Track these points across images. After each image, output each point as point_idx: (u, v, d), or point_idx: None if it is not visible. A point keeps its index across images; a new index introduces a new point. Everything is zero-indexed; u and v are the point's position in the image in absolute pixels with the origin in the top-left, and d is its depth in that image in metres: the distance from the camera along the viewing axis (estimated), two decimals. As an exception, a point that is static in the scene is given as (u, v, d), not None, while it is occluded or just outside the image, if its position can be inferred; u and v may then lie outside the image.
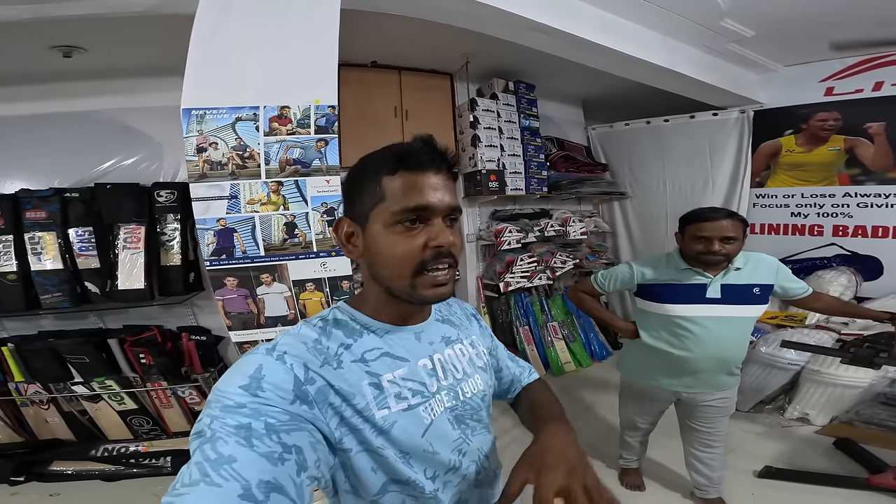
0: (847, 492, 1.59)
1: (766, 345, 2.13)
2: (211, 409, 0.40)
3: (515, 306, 2.94)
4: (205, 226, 1.18)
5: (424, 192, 0.49)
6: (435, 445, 0.52)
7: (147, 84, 1.95)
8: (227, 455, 0.36)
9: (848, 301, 2.08)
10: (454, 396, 0.57)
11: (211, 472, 0.35)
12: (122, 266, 1.81)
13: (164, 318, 2.07)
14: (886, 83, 2.27)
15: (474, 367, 0.62)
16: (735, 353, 1.35)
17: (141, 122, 1.98)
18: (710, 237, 1.24)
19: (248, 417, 0.39)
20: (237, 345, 1.28)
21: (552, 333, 2.93)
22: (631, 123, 3.18)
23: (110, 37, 1.59)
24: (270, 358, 0.45)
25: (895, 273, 2.39)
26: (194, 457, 0.37)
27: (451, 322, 0.64)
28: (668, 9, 1.76)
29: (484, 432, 0.61)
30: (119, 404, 1.93)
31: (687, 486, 1.63)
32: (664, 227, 3.13)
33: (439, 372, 0.56)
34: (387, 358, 0.52)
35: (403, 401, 0.51)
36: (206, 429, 0.39)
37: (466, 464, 0.56)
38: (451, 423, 0.55)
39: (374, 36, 1.91)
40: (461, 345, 0.62)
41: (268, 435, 0.38)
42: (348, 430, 0.47)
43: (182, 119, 1.12)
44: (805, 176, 2.62)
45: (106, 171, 1.96)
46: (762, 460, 1.79)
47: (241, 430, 0.38)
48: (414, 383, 0.52)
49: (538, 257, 2.77)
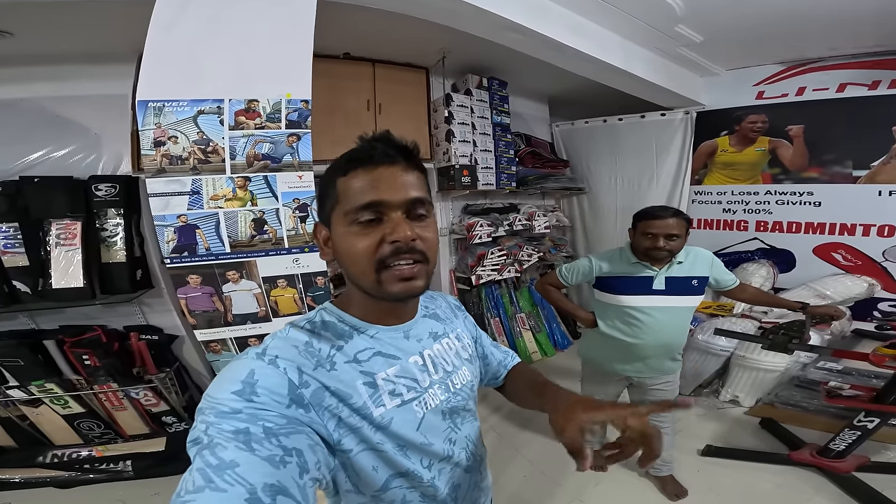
0: (772, 467, 1.77)
1: (702, 333, 2.30)
2: (205, 416, 0.40)
3: (486, 298, 3.02)
4: (164, 222, 1.12)
5: (377, 187, 0.48)
6: (429, 437, 0.55)
7: (81, 71, 1.75)
8: (229, 460, 0.36)
9: (767, 291, 2.33)
10: (446, 389, 0.59)
11: (215, 478, 0.35)
12: (56, 264, 1.64)
13: (108, 318, 1.91)
14: (808, 88, 2.44)
15: (461, 359, 0.64)
16: (677, 340, 1.49)
17: (75, 112, 1.78)
18: (657, 234, 1.34)
19: (245, 422, 0.39)
20: (203, 343, 1.24)
21: (520, 324, 3.06)
22: (590, 121, 3.28)
23: (40, 21, 1.42)
24: (262, 363, 0.45)
25: (805, 265, 2.62)
26: (195, 463, 0.37)
27: (437, 316, 0.66)
28: (629, 13, 1.84)
29: (471, 420, 0.65)
30: (63, 408, 1.78)
31: None
32: (614, 221, 3.28)
33: (430, 367, 0.58)
34: (379, 357, 0.53)
35: (398, 397, 0.52)
36: (202, 435, 0.38)
37: (457, 451, 0.59)
38: (443, 414, 0.58)
39: (347, 27, 1.83)
40: (448, 339, 0.64)
41: (267, 439, 0.39)
42: (347, 430, 0.48)
43: (138, 111, 1.04)
44: (735, 175, 2.81)
45: (33, 164, 1.74)
46: (704, 440, 1.97)
47: (239, 435, 0.38)
48: (407, 380, 0.54)
49: (507, 251, 2.86)
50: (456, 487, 0.60)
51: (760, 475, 1.75)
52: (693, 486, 1.69)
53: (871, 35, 2.06)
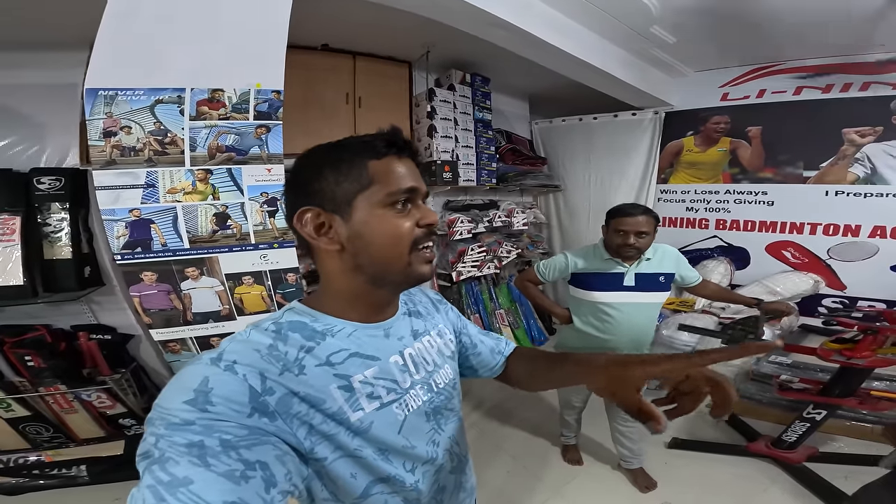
0: (732, 458, 1.86)
1: (667, 328, 2.36)
2: (155, 428, 0.37)
3: (467, 295, 3.01)
4: (113, 216, 1.03)
5: (412, 175, 0.51)
6: (411, 440, 0.53)
7: (25, 58, 1.61)
8: (182, 477, 0.33)
9: (725, 288, 2.42)
10: (429, 389, 0.57)
11: (167, 496, 0.32)
12: (-8, 260, 1.49)
13: (54, 317, 1.77)
14: (768, 91, 2.53)
15: (443, 357, 0.63)
16: (646, 335, 1.55)
17: (15, 101, 1.63)
18: (628, 231, 1.38)
19: (198, 434, 0.36)
20: (161, 343, 1.17)
21: (500, 321, 3.08)
22: (567, 120, 3.31)
23: None
24: (217, 369, 0.41)
25: (758, 263, 2.74)
26: (144, 479, 0.34)
27: (417, 313, 0.63)
28: (608, 12, 1.86)
29: (455, 419, 0.63)
30: (6, 411, 1.64)
31: (615, 460, 1.83)
32: (587, 219, 3.34)
33: (411, 367, 0.56)
34: (356, 358, 0.50)
35: (376, 400, 0.50)
36: (152, 448, 0.35)
37: (441, 453, 0.58)
38: (426, 416, 0.56)
39: (327, 17, 1.76)
40: (429, 336, 0.62)
41: (224, 452, 0.36)
42: (320, 437, 0.45)
43: (85, 100, 0.95)
44: (698, 174, 2.90)
45: None
46: (670, 432, 2.03)
47: (192, 449, 0.35)
48: (386, 381, 0.52)
49: (487, 247, 2.86)
50: (440, 490, 0.58)
51: (721, 466, 1.83)
52: (661, 478, 1.75)
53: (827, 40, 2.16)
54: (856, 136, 2.35)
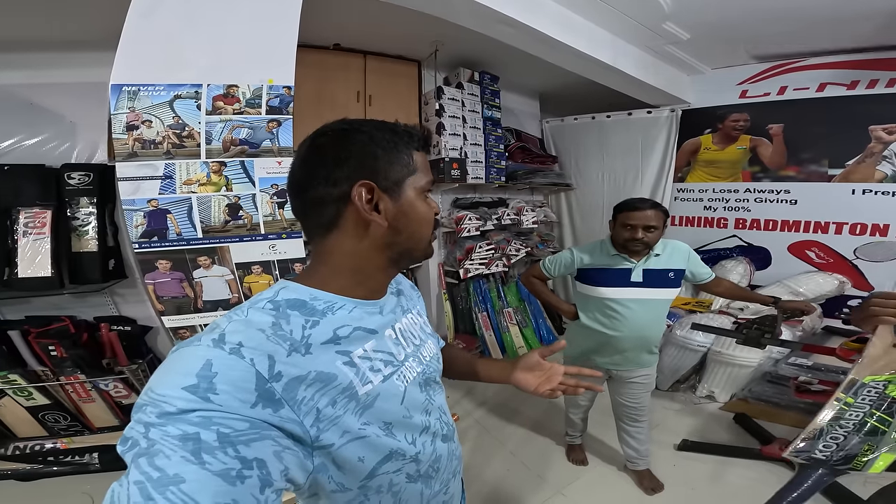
0: (745, 461, 1.81)
1: (680, 328, 2.32)
2: (145, 415, 0.34)
3: (474, 293, 3.01)
4: (133, 206, 1.08)
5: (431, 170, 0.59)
6: (410, 410, 0.54)
7: (58, 58, 1.71)
8: (173, 474, 0.31)
9: (742, 286, 2.34)
10: (420, 362, 0.59)
11: (155, 495, 0.30)
12: (23, 252, 1.58)
13: (78, 308, 1.85)
14: (790, 88, 2.48)
15: (426, 333, 0.66)
16: (654, 333, 1.51)
17: (48, 100, 1.73)
18: (636, 225, 1.36)
19: (195, 426, 0.33)
20: (171, 330, 1.20)
21: (507, 319, 3.06)
22: (579, 118, 3.29)
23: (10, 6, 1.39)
24: (221, 351, 0.38)
25: (780, 263, 2.67)
26: (131, 473, 0.32)
27: (401, 293, 0.67)
28: (618, 8, 1.85)
29: (440, 390, 0.66)
30: (27, 400, 1.72)
31: (621, 460, 1.80)
32: (601, 217, 3.30)
33: (402, 340, 0.58)
34: (360, 332, 0.51)
35: (378, 373, 0.50)
36: (140, 438, 0.33)
37: (433, 422, 0.60)
38: (420, 387, 0.58)
39: (338, 18, 1.81)
40: (412, 314, 0.65)
41: (221, 448, 0.33)
42: (328, 422, 0.43)
43: (111, 95, 1.01)
44: (717, 172, 2.85)
45: (3, 152, 1.71)
46: (680, 434, 2.01)
47: (187, 443, 0.32)
48: (384, 354, 0.53)
49: (495, 245, 2.86)
50: (438, 459, 0.60)
51: (733, 469, 1.79)
52: (669, 480, 1.72)
53: (851, 35, 2.10)
54: (883, 133, 2.27)
